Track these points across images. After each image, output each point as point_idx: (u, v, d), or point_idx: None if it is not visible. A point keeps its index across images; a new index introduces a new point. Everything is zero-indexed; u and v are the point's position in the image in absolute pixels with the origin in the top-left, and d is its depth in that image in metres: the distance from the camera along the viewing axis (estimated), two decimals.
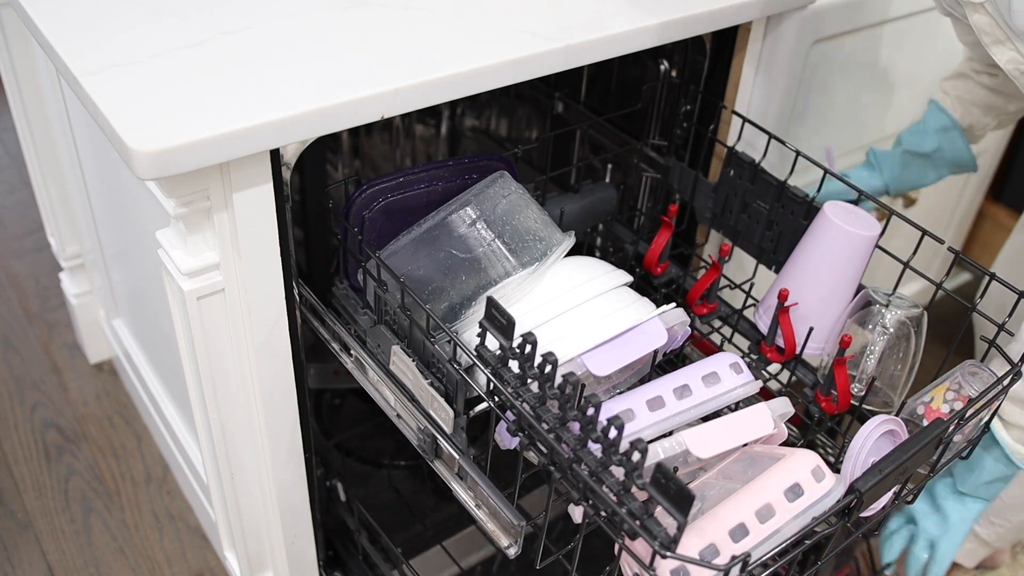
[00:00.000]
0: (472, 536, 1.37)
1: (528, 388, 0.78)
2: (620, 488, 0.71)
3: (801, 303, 1.06)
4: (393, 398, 0.96)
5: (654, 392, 0.86)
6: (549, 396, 0.75)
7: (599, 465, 0.72)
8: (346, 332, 1.00)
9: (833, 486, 0.80)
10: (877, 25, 1.28)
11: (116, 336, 1.70)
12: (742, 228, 1.17)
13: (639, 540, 0.72)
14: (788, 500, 0.79)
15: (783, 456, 0.82)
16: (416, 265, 0.95)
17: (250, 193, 0.87)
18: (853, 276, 1.05)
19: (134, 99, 0.82)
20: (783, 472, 0.80)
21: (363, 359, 0.98)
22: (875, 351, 1.02)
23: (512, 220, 0.96)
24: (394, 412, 0.97)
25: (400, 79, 0.87)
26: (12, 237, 2.18)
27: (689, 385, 0.87)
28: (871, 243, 1.03)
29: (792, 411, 0.89)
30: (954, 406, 0.95)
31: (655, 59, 1.26)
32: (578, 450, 0.74)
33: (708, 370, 0.88)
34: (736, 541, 0.75)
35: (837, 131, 1.38)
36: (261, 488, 1.11)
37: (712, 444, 0.81)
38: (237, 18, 0.96)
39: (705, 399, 0.87)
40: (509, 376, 0.79)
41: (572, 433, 0.75)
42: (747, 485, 0.80)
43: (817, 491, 0.79)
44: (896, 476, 0.81)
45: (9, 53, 1.42)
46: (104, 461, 1.66)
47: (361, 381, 1.01)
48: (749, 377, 0.89)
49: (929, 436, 0.82)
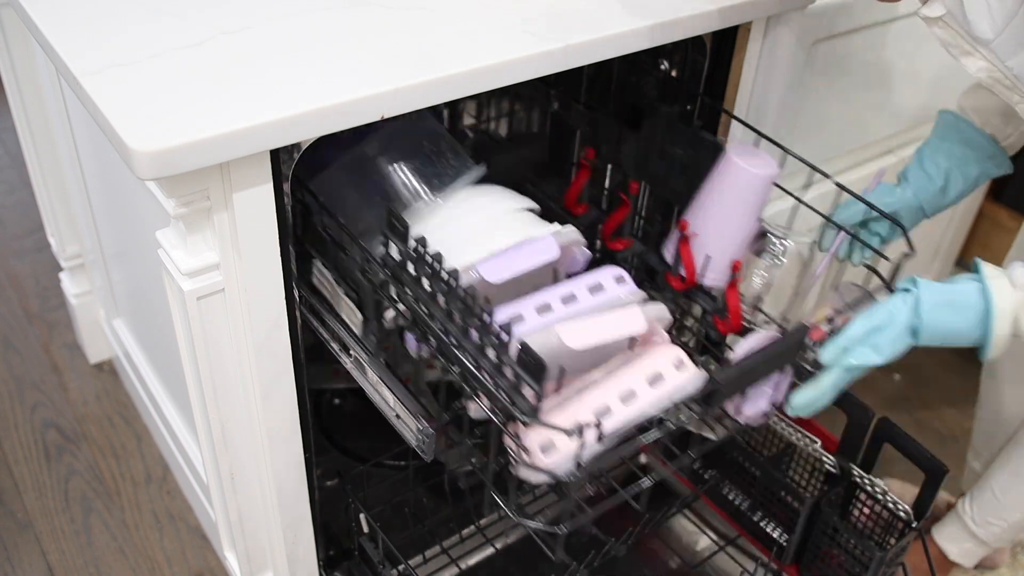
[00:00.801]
0: (472, 536, 1.37)
1: (423, 288, 0.86)
2: (494, 368, 0.80)
3: (703, 236, 1.12)
4: (392, 398, 0.96)
5: (543, 300, 0.93)
6: (437, 290, 0.84)
7: (477, 350, 0.81)
8: (346, 332, 1.00)
9: (694, 376, 0.90)
10: (877, 25, 1.28)
11: (116, 336, 1.70)
12: (660, 173, 1.21)
13: (516, 426, 0.82)
14: (650, 386, 0.89)
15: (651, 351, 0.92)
16: (341, 193, 1.05)
17: (250, 193, 0.87)
18: (750, 211, 1.10)
19: (134, 99, 0.82)
20: (647, 362, 0.91)
21: (363, 359, 0.99)
22: (769, 278, 1.12)
23: (424, 149, 1.06)
24: (393, 413, 0.97)
25: (400, 79, 0.87)
26: (12, 237, 2.18)
27: (575, 294, 0.94)
28: (767, 181, 1.08)
29: (668, 316, 0.96)
30: (836, 324, 1.02)
31: (655, 59, 1.26)
32: (461, 338, 0.82)
33: (594, 281, 0.96)
34: (604, 420, 0.85)
35: (837, 131, 1.38)
36: (261, 488, 1.11)
37: (583, 337, 0.86)
38: (237, 18, 0.96)
39: (590, 306, 0.94)
40: (407, 279, 0.88)
41: (456, 324, 0.84)
42: (614, 374, 0.89)
43: (678, 379, 0.90)
44: (757, 372, 0.91)
45: (9, 53, 1.42)
46: (104, 461, 1.66)
47: (360, 381, 1.01)
48: (633, 288, 0.96)
49: (791, 340, 0.92)
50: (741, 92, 1.22)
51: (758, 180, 1.07)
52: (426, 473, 1.46)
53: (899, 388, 1.94)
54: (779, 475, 1.27)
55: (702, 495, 1.40)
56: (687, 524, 1.43)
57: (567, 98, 1.33)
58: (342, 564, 1.31)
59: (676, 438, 1.01)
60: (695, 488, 1.41)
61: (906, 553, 1.23)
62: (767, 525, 1.34)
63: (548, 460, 0.83)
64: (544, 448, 0.83)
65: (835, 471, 1.25)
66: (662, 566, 1.37)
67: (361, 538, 1.26)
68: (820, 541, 1.24)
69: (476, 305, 0.80)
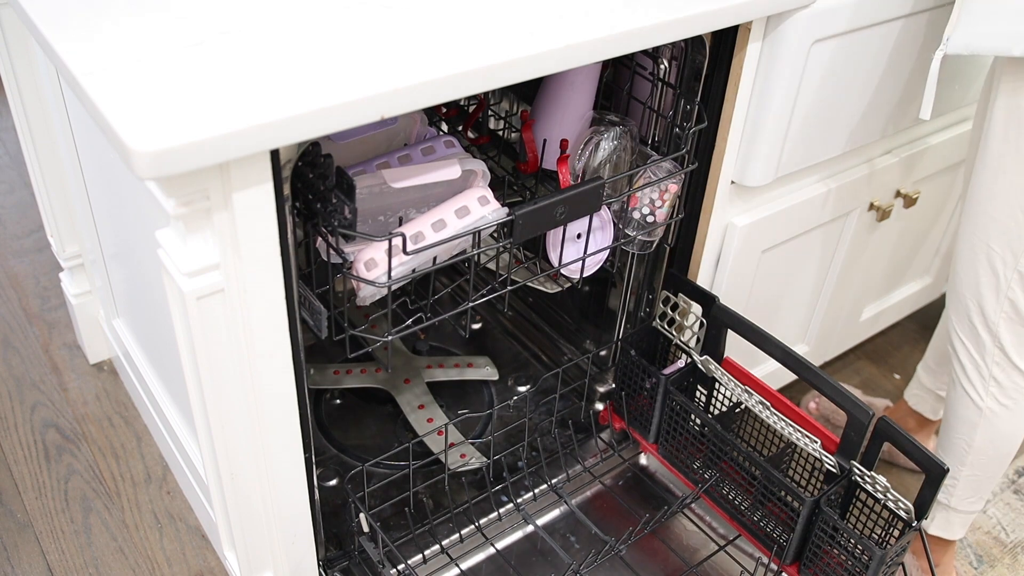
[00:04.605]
0: (472, 536, 1.37)
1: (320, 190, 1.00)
2: (334, 208, 0.98)
3: (541, 125, 1.30)
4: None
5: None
6: (317, 182, 0.98)
7: (333, 207, 0.99)
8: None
9: (495, 209, 1.10)
10: (877, 25, 1.28)
11: (116, 336, 1.70)
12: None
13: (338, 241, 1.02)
14: (458, 217, 1.08)
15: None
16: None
17: (250, 193, 0.87)
18: (581, 102, 1.27)
19: (134, 99, 0.82)
20: (457, 199, 1.10)
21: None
22: (598, 154, 1.26)
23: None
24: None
25: (400, 79, 0.87)
26: (12, 237, 2.18)
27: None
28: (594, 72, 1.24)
29: (483, 167, 1.13)
30: (652, 196, 1.25)
31: (654, 58, 1.26)
32: (327, 204, 0.99)
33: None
34: (415, 243, 1.06)
35: (837, 132, 1.38)
36: (261, 488, 1.11)
37: (402, 178, 1.08)
38: (237, 18, 0.96)
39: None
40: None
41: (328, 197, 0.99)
42: (431, 210, 1.09)
43: (481, 212, 1.09)
44: (554, 211, 1.11)
45: (9, 53, 1.42)
46: (104, 461, 1.66)
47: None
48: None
49: (587, 187, 1.12)
50: (741, 92, 1.22)
51: (587, 69, 1.24)
52: (426, 473, 1.47)
53: (899, 388, 1.94)
54: (779, 475, 1.27)
55: (702, 495, 1.41)
56: (687, 524, 1.43)
57: None
58: (342, 564, 1.31)
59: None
60: (695, 488, 1.41)
61: (906, 552, 1.24)
62: (767, 525, 1.34)
63: (370, 274, 1.04)
64: (367, 265, 1.04)
65: (835, 471, 1.25)
66: (662, 566, 1.37)
67: (361, 538, 1.26)
68: (820, 540, 1.25)
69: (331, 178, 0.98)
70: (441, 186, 1.12)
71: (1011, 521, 1.70)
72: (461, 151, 1.18)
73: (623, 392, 1.49)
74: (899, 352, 2.05)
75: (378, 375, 1.62)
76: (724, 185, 1.32)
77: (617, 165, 1.27)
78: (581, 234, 1.25)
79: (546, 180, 1.38)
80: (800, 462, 1.34)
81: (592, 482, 1.48)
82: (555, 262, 1.26)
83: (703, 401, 1.44)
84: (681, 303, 1.41)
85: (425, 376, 1.63)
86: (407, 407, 1.56)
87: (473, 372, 1.66)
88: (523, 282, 1.29)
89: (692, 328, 1.41)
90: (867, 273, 1.74)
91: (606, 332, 1.60)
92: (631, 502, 1.46)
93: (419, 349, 1.71)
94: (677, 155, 1.25)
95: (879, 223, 1.64)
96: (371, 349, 1.18)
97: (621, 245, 1.30)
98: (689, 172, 1.28)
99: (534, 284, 1.33)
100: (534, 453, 1.48)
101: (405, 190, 1.09)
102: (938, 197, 1.76)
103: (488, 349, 1.74)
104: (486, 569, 1.35)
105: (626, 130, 1.26)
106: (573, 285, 1.34)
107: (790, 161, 1.34)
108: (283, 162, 0.92)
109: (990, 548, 1.65)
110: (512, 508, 1.40)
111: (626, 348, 1.46)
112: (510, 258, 1.22)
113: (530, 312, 1.79)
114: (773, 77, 1.21)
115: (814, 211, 1.48)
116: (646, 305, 1.47)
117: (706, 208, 1.34)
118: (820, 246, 1.58)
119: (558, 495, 1.44)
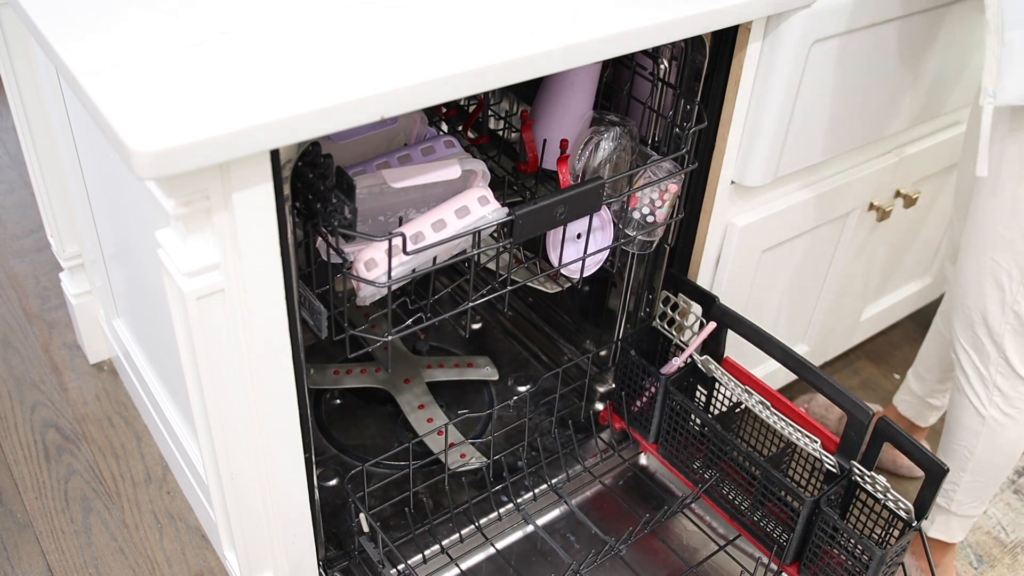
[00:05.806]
0: (472, 536, 1.37)
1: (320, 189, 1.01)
2: (334, 208, 0.98)
3: (541, 125, 1.31)
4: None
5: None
6: (317, 182, 0.99)
7: (333, 207, 0.99)
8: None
9: (495, 209, 1.09)
10: (877, 25, 1.28)
11: (116, 336, 1.70)
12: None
13: (339, 240, 1.02)
14: (458, 217, 1.08)
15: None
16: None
17: (250, 193, 0.87)
18: (581, 102, 1.27)
19: (134, 99, 0.82)
20: (457, 199, 1.10)
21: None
22: (598, 154, 1.26)
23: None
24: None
25: (400, 79, 0.87)
26: (12, 237, 2.18)
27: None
28: (590, 70, 1.23)
29: (483, 167, 1.13)
30: (652, 196, 1.25)
31: (654, 59, 1.26)
32: (327, 204, 1.00)
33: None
34: (415, 243, 1.06)
35: (838, 132, 1.38)
36: (261, 488, 1.11)
37: (402, 178, 1.08)
38: (237, 18, 0.96)
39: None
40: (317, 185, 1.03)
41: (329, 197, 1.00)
42: (431, 211, 1.09)
43: (481, 212, 1.09)
44: (554, 211, 1.10)
45: (9, 53, 1.42)
46: (104, 461, 1.66)
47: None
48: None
49: (587, 187, 1.12)
50: (741, 92, 1.22)
51: (587, 70, 1.25)
52: (426, 473, 1.47)
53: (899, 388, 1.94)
54: (779, 475, 1.27)
55: (702, 495, 1.41)
56: (687, 524, 1.43)
57: None
58: (342, 564, 1.31)
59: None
60: (695, 488, 1.41)
61: (906, 552, 1.23)
62: (767, 525, 1.34)
63: (370, 274, 1.04)
64: (367, 265, 1.04)
65: (835, 470, 1.25)
66: (662, 566, 1.37)
67: (361, 538, 1.26)
68: (820, 541, 1.25)
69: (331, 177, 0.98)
70: (441, 186, 1.11)
71: (1011, 521, 1.70)
72: (461, 151, 1.18)
73: (623, 392, 1.50)
74: (899, 352, 2.05)
75: (378, 375, 1.62)
76: (724, 185, 1.32)
77: (617, 165, 1.27)
78: (581, 234, 1.25)
79: (546, 180, 1.38)
80: (800, 462, 1.34)
81: (592, 482, 1.48)
82: (555, 262, 1.26)
83: (703, 401, 1.44)
84: (681, 303, 1.41)
85: (425, 376, 1.63)
86: (407, 407, 1.56)
87: (473, 372, 1.66)
88: (523, 282, 1.29)
89: (692, 328, 1.41)
90: (867, 273, 1.74)
91: (606, 332, 1.60)
92: (631, 502, 1.46)
93: (419, 349, 1.71)
94: (677, 155, 1.25)
95: (879, 223, 1.64)
96: (371, 349, 1.18)
97: (621, 245, 1.30)
98: (689, 172, 1.28)
99: (534, 284, 1.33)
100: (534, 453, 1.48)
101: (405, 190, 1.09)
102: (938, 197, 1.75)
103: (488, 349, 1.74)
104: (486, 569, 1.35)
105: (626, 130, 1.26)
106: (573, 285, 1.34)
107: (790, 161, 1.34)
108: (283, 162, 0.92)
109: (990, 548, 1.65)
110: (512, 508, 1.40)
111: (626, 348, 1.46)
112: (510, 258, 1.22)
113: (530, 312, 1.79)
114: (773, 77, 1.21)
115: (814, 211, 1.48)
116: (646, 305, 1.47)
117: (706, 208, 1.35)
118: (820, 246, 1.58)
119: (558, 495, 1.44)
